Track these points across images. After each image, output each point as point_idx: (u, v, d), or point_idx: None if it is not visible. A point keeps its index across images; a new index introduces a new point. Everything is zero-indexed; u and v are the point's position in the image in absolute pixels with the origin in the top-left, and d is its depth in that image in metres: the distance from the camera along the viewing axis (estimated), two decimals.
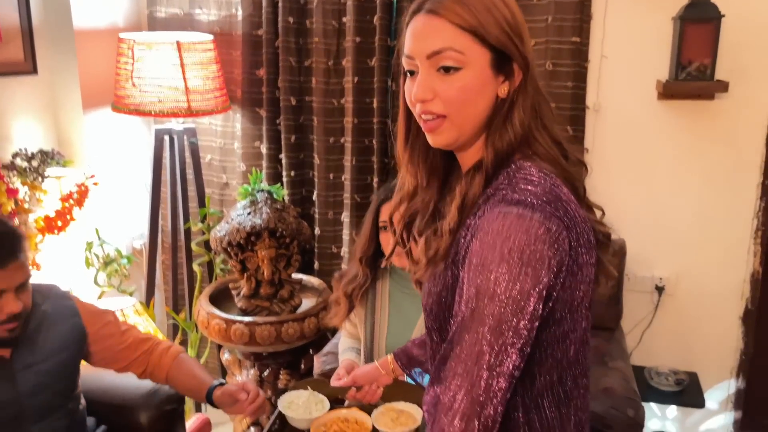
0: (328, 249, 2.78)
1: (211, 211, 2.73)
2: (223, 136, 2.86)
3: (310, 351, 2.47)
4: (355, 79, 2.56)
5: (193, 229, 2.76)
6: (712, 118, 2.37)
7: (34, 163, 2.24)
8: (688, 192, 2.44)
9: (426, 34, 0.97)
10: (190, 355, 2.45)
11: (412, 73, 1.01)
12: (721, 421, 2.58)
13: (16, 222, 2.13)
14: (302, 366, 2.50)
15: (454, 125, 0.99)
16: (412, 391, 1.65)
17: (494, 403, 0.89)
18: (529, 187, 0.94)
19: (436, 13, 0.96)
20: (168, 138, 2.67)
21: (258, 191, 2.39)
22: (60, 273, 2.35)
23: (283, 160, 2.73)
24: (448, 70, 0.96)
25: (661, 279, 2.51)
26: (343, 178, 2.70)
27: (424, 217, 1.08)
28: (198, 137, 2.77)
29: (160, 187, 2.75)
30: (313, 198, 2.75)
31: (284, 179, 2.74)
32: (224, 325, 2.28)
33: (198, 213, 2.75)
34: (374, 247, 1.96)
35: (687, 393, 2.38)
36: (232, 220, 2.35)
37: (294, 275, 2.48)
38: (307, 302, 2.48)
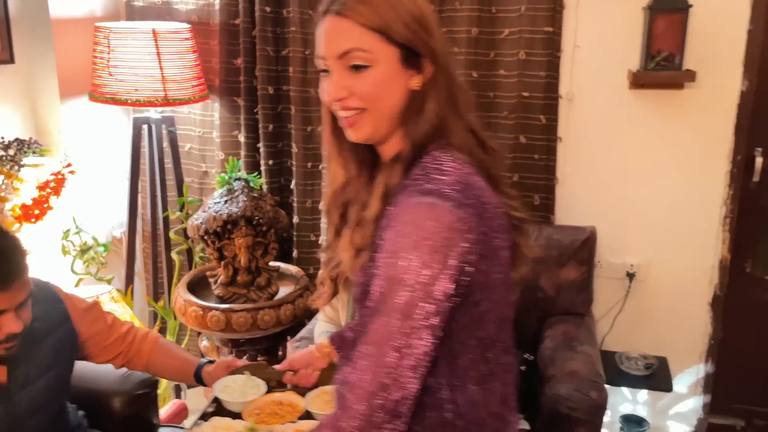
0: (306, 237, 2.81)
1: (190, 199, 2.75)
2: (202, 125, 2.88)
3: (288, 338, 2.51)
4: None
5: (172, 218, 2.78)
6: (682, 107, 2.41)
7: (11, 152, 2.24)
8: (659, 180, 2.48)
9: (334, 35, 1.01)
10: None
11: (326, 71, 1.04)
12: (691, 405, 2.64)
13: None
14: (280, 352, 2.53)
15: (372, 118, 1.03)
16: None
17: (401, 384, 0.92)
18: (441, 177, 0.99)
19: (342, 14, 1.00)
20: (146, 127, 2.68)
21: (235, 180, 2.42)
22: (37, 261, 2.37)
23: (261, 149, 2.76)
24: (359, 68, 1.01)
25: (632, 266, 2.55)
26: (320, 167, 2.72)
27: (356, 206, 1.12)
28: (177, 126, 2.78)
29: (138, 176, 2.77)
30: (291, 186, 2.78)
31: (262, 168, 2.77)
32: (201, 312, 2.31)
33: (177, 202, 2.77)
34: None
35: (656, 377, 2.42)
36: (209, 208, 2.37)
37: (272, 263, 2.51)
38: (285, 290, 2.51)
